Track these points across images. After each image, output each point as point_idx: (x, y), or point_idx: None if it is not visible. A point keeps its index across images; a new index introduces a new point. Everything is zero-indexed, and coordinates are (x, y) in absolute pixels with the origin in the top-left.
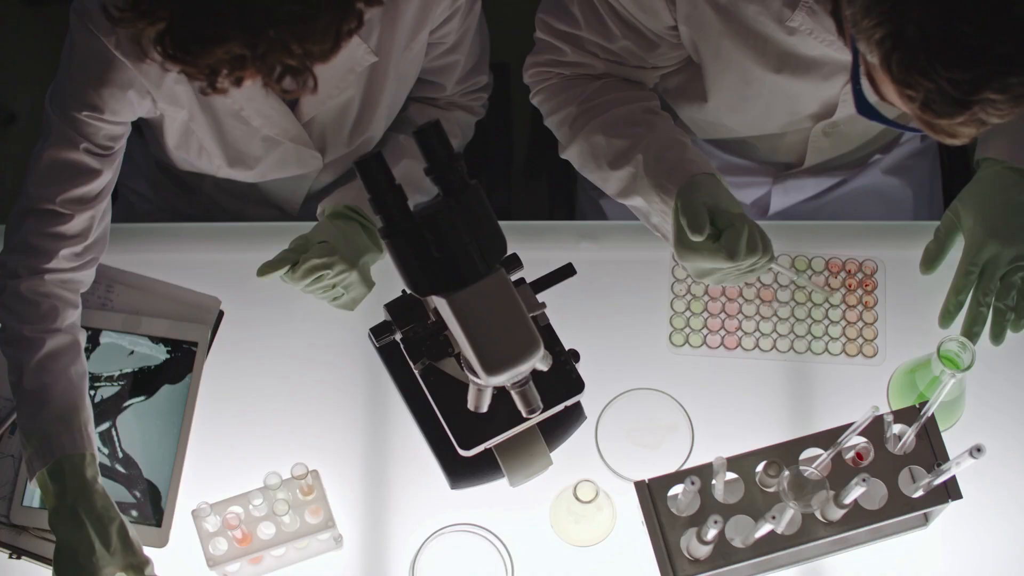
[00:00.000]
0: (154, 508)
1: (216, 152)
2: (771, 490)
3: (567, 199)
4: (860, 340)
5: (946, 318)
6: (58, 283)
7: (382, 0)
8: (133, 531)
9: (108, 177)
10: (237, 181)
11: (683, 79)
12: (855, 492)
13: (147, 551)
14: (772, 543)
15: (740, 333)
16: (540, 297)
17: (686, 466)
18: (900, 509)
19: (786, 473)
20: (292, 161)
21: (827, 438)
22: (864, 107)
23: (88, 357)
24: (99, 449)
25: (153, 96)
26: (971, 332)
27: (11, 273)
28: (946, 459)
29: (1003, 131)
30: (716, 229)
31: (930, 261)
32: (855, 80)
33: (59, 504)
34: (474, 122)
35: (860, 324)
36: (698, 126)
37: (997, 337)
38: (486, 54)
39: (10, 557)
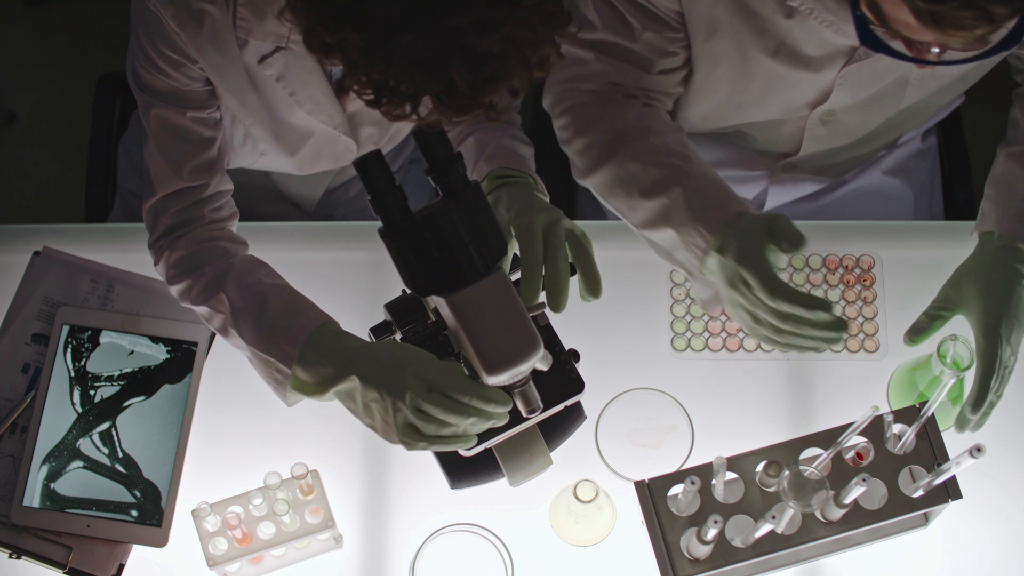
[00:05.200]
0: (154, 508)
1: (264, 135)
2: (771, 490)
3: (567, 199)
4: (861, 335)
5: (917, 333)
6: (216, 230)
7: None
8: None
9: (219, 136)
10: (250, 174)
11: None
12: (855, 492)
13: (147, 552)
14: (772, 543)
15: (741, 335)
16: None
17: (686, 466)
18: (900, 509)
19: (786, 473)
20: (328, 153)
21: (827, 438)
22: (868, 37)
23: (88, 357)
24: (99, 449)
25: (208, 74)
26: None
27: (169, 245)
28: (946, 459)
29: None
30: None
31: (916, 333)
32: (854, 8)
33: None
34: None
35: (860, 319)
36: (703, 116)
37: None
38: None
39: (10, 557)
